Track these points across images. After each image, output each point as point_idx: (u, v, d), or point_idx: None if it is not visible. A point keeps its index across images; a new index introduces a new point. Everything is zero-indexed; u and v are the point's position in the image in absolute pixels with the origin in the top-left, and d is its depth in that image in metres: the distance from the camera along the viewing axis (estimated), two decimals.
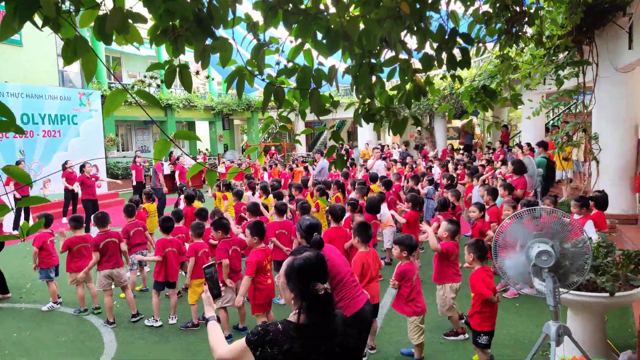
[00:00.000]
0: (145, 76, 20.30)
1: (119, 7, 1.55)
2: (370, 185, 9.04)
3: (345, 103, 20.47)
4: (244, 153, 25.21)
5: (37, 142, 14.40)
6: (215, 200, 9.60)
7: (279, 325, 1.92)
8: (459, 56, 2.27)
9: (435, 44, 2.21)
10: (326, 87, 2.16)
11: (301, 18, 1.88)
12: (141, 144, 25.09)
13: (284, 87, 2.05)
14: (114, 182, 13.99)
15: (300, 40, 2.01)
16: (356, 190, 7.85)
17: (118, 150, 21.74)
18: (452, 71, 2.35)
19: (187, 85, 1.87)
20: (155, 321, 5.56)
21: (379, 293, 4.56)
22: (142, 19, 1.60)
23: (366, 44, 2.00)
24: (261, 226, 4.87)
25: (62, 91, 15.80)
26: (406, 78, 2.18)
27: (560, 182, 10.93)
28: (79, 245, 5.95)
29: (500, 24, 2.89)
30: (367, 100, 2.23)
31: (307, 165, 13.91)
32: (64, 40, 1.51)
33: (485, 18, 2.77)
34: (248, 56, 2.06)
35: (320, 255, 2.09)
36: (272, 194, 8.24)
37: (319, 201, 7.47)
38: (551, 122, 17.64)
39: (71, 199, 11.78)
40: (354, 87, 2.17)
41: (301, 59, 2.25)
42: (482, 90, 2.85)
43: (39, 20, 1.48)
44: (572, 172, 11.08)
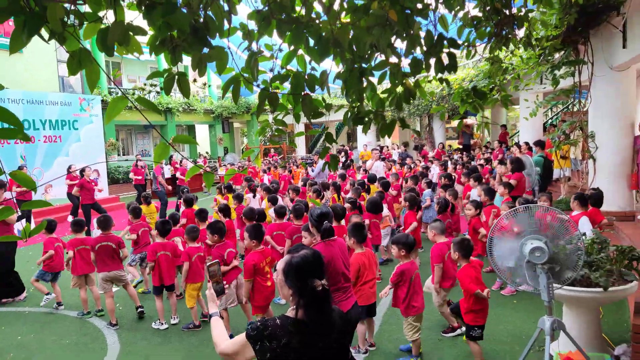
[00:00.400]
0: (145, 84, 20.45)
1: (120, 20, 1.63)
2: (370, 186, 9.15)
3: (342, 106, 20.51)
4: (242, 155, 25.30)
5: (38, 148, 14.51)
6: (215, 205, 9.67)
7: (278, 321, 2.00)
8: (446, 60, 2.36)
9: (424, 48, 2.29)
10: (319, 90, 2.24)
11: (294, 27, 1.97)
12: (141, 148, 25.16)
13: (278, 92, 2.13)
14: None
15: (293, 47, 2.10)
16: (352, 191, 7.95)
17: (119, 155, 21.82)
18: (439, 74, 2.42)
19: (185, 93, 1.95)
20: (161, 324, 5.64)
21: (375, 293, 4.63)
22: (142, 32, 1.68)
23: (356, 50, 2.08)
24: (259, 229, 4.93)
25: (62, 97, 15.92)
26: (396, 81, 2.27)
27: (558, 180, 11.01)
28: (79, 248, 6.05)
29: (490, 27, 2.97)
30: (356, 104, 2.31)
31: (307, 167, 14.02)
32: (69, 52, 1.59)
33: (475, 22, 2.85)
34: (243, 62, 2.15)
35: (317, 252, 2.17)
36: (267, 199, 8.33)
37: (313, 203, 7.58)
38: (549, 122, 17.71)
39: (77, 200, 11.88)
40: (344, 91, 2.25)
41: (295, 64, 2.33)
42: (473, 92, 2.94)
43: (45, 34, 1.57)
44: (570, 171, 11.15)
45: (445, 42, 2.29)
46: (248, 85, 2.09)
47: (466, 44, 3.00)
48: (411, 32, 2.10)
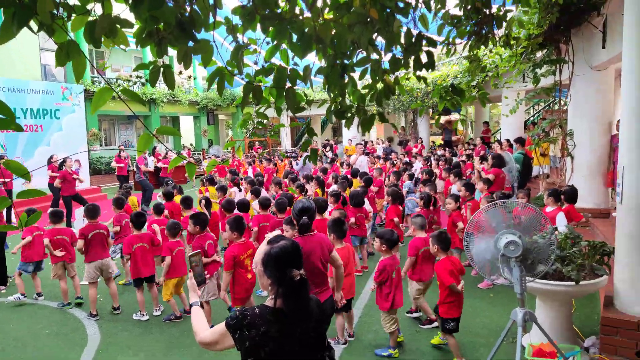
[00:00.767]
0: (131, 75, 20.24)
1: (107, 13, 1.67)
2: (353, 180, 9.24)
3: (326, 100, 20.56)
4: (225, 146, 25.18)
5: (19, 137, 14.27)
6: (199, 196, 9.66)
7: (256, 310, 2.06)
8: (425, 59, 2.43)
9: (404, 46, 2.36)
10: (302, 84, 2.30)
11: (277, 22, 2.02)
12: (124, 138, 24.90)
13: (262, 86, 2.18)
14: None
15: (277, 42, 2.15)
16: (338, 185, 8.01)
17: (101, 145, 21.58)
18: (417, 72, 2.50)
19: (170, 84, 1.99)
20: (142, 315, 5.65)
21: (354, 287, 4.71)
22: (129, 25, 1.72)
23: (338, 46, 2.14)
24: (240, 221, 4.94)
25: (44, 85, 15.66)
26: (377, 78, 2.33)
27: (537, 177, 11.22)
28: (58, 237, 6.03)
29: (470, 26, 3.05)
30: (338, 99, 2.38)
31: (292, 160, 14.05)
32: (57, 44, 1.62)
33: (455, 21, 2.92)
34: (229, 54, 2.19)
35: (295, 243, 2.23)
36: (250, 191, 8.34)
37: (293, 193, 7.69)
38: (531, 119, 17.99)
39: (58, 192, 11.75)
40: (326, 86, 2.31)
41: (278, 58, 2.38)
42: (451, 89, 3.02)
43: (34, 26, 1.59)
44: (549, 168, 11.37)
45: (424, 40, 2.37)
46: (230, 78, 2.13)
47: (446, 42, 3.08)
48: (392, 30, 2.17)
